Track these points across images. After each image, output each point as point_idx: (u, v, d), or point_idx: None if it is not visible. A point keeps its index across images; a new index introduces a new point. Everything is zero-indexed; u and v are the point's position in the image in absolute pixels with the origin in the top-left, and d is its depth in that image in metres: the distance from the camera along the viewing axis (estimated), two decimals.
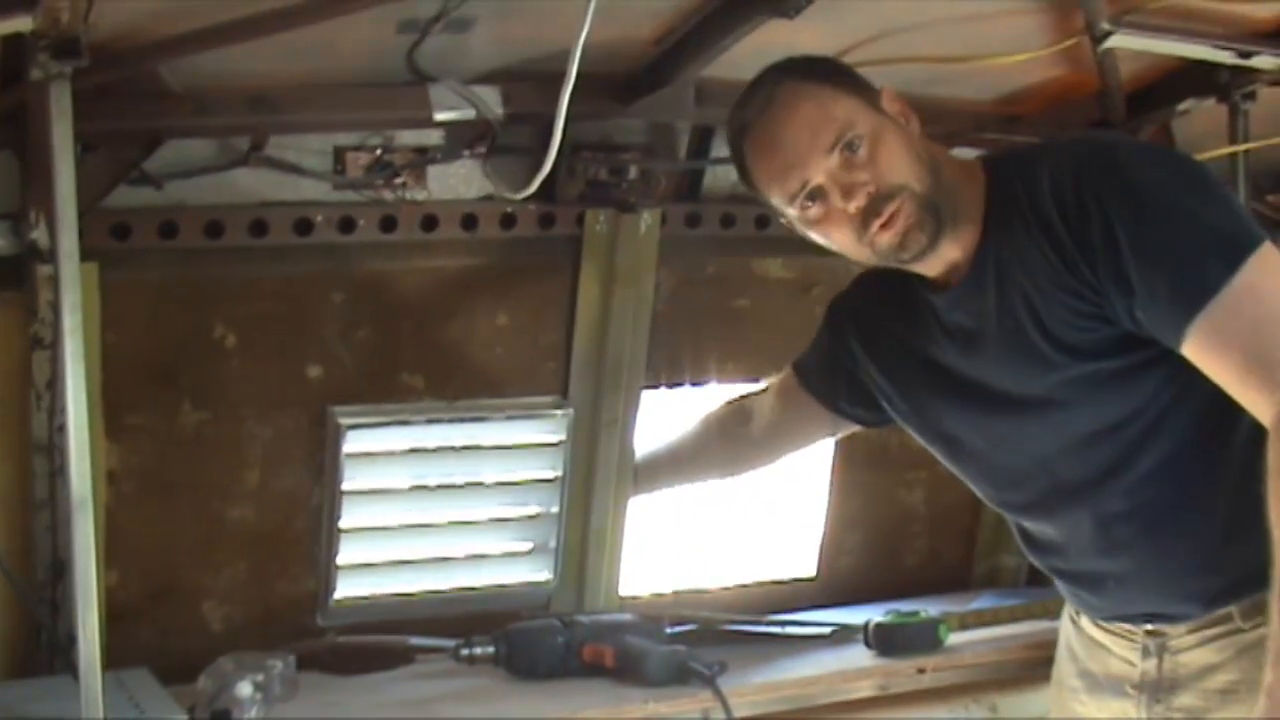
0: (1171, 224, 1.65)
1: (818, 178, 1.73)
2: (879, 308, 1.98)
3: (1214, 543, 1.78)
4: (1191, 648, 1.85)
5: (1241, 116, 2.35)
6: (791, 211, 1.78)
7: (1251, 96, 2.32)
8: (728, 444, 2.27)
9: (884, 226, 1.73)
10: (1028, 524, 1.95)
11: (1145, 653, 1.90)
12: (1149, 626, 1.89)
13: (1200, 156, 2.43)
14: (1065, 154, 1.75)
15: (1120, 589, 1.87)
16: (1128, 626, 1.91)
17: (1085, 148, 1.76)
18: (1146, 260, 1.65)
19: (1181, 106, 2.35)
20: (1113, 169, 1.69)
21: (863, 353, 2.02)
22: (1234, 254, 1.63)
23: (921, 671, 2.27)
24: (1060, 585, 1.99)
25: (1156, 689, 1.89)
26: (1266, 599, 1.62)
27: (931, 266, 1.82)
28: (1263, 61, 2.22)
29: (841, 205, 1.73)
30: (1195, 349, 1.66)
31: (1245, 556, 1.70)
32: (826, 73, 1.79)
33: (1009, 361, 1.80)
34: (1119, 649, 1.94)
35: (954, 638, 2.34)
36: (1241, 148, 2.36)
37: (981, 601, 2.52)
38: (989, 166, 1.82)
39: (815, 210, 1.76)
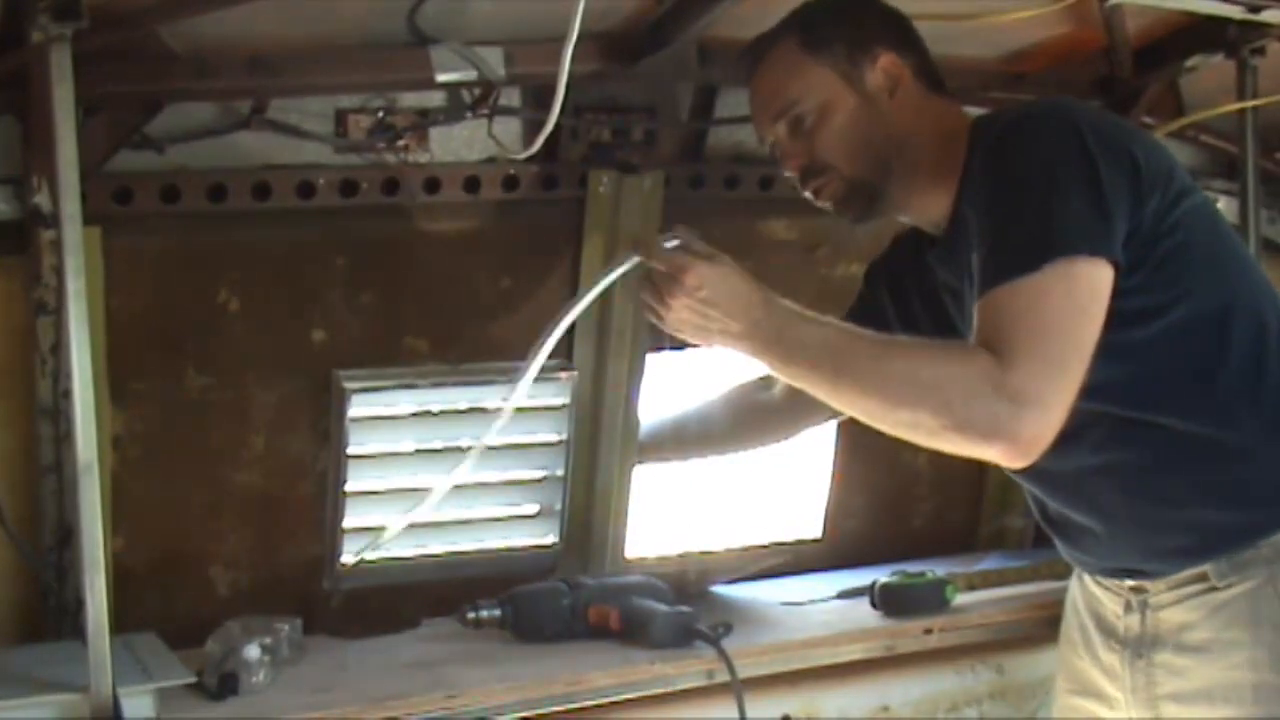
0: (1006, 207, 1.71)
1: (770, 138, 1.91)
2: (906, 264, 2.03)
3: (1185, 503, 1.80)
4: (1170, 605, 1.87)
5: (1250, 72, 2.33)
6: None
7: (1260, 52, 2.30)
8: (747, 411, 2.28)
9: (814, 193, 1.88)
10: (1020, 481, 1.97)
11: (1128, 608, 1.93)
12: (1130, 582, 1.92)
13: (1208, 113, 2.42)
14: (998, 124, 1.80)
15: (1099, 545, 1.91)
16: (1115, 581, 1.95)
17: (1009, 117, 1.80)
18: (982, 234, 1.73)
19: (1189, 63, 2.34)
20: (1000, 144, 1.75)
21: (892, 307, 2.05)
22: (1037, 256, 1.66)
23: (928, 632, 2.28)
24: (1054, 539, 2.01)
25: (1139, 644, 1.92)
26: (1240, 558, 1.76)
27: (920, 221, 1.91)
28: (1272, 16, 2.17)
29: (783, 165, 1.90)
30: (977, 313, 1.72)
31: (1216, 517, 1.78)
32: (817, 36, 1.85)
33: None
34: (1109, 603, 1.97)
35: (961, 598, 2.34)
36: (1250, 104, 2.35)
37: (988, 562, 2.52)
38: (973, 128, 1.86)
39: (779, 158, 1.92)
